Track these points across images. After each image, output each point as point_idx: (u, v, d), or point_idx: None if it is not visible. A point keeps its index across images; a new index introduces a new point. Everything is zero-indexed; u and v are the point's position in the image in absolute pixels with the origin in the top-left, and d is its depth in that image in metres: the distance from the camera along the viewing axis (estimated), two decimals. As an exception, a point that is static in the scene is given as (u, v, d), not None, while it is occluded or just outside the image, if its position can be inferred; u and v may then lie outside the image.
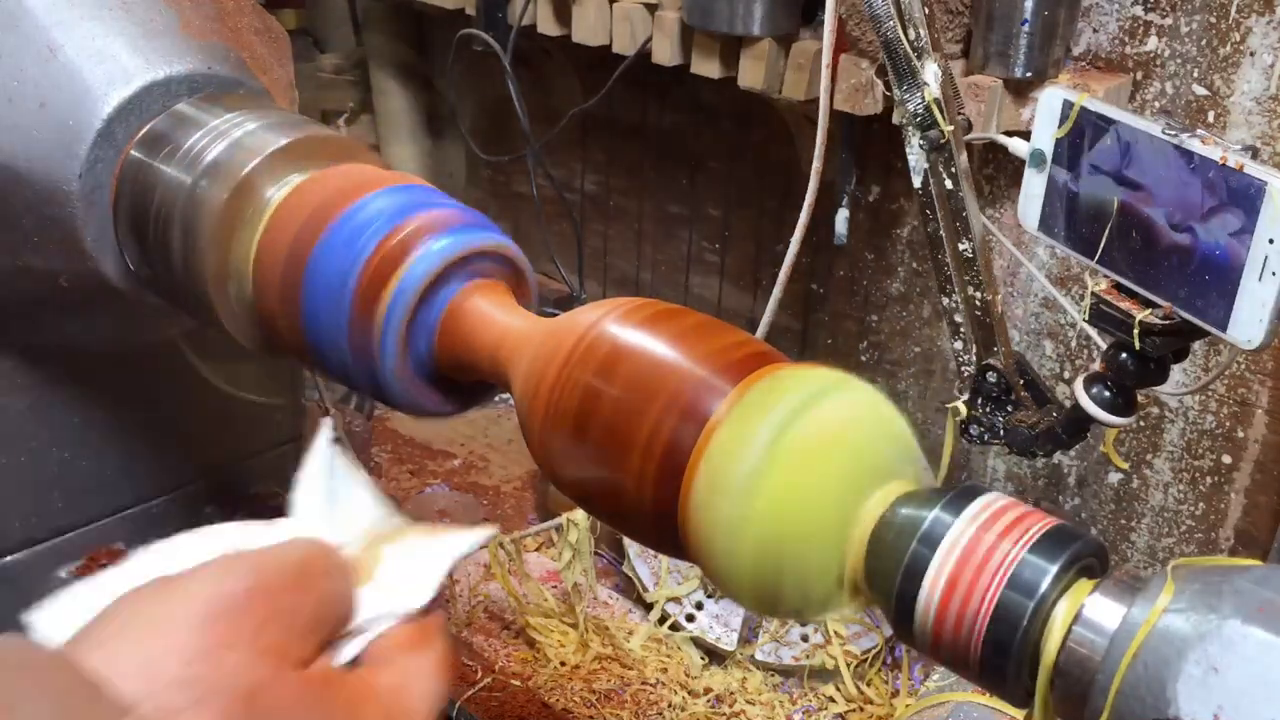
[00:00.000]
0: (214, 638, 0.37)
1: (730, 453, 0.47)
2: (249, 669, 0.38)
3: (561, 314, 0.56)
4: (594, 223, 1.60)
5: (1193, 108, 1.07)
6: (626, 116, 1.50)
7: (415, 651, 0.46)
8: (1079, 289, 1.17)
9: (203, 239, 0.65)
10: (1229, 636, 0.39)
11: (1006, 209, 1.19)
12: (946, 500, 0.46)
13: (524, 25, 1.33)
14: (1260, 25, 1.01)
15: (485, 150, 1.55)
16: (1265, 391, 1.09)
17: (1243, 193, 0.64)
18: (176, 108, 0.69)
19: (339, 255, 0.59)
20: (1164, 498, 1.19)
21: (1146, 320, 0.71)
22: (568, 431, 0.52)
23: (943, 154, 0.88)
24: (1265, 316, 0.65)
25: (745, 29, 1.11)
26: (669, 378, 0.50)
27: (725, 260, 1.48)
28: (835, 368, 0.51)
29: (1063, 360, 1.22)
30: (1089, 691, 0.42)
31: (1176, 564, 0.43)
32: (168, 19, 0.72)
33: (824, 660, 1.17)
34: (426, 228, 0.58)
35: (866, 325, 1.36)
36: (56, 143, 0.68)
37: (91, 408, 0.83)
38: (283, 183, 0.65)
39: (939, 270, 0.91)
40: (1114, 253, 0.73)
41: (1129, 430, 1.19)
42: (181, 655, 0.37)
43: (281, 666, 0.39)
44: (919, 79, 0.86)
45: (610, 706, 1.13)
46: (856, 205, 1.28)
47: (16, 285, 0.74)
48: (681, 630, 1.21)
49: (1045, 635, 0.43)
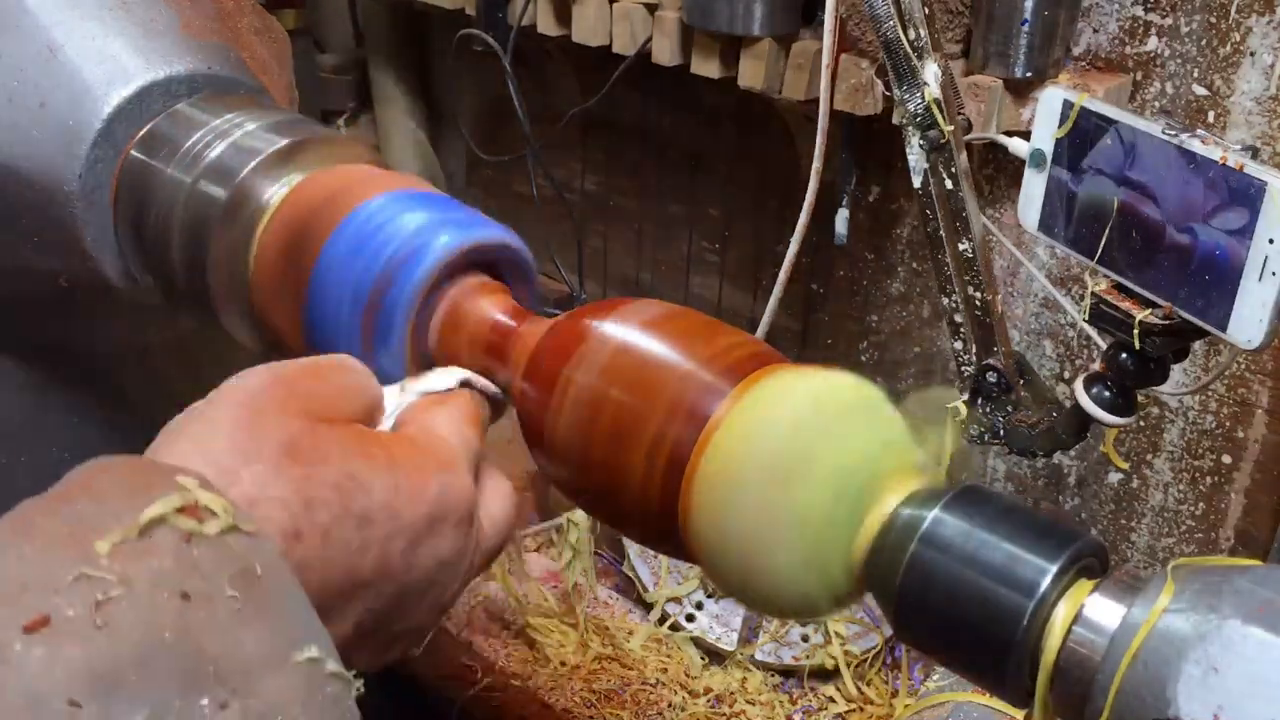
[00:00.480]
0: (249, 414, 0.43)
1: (730, 453, 0.47)
2: (284, 426, 0.43)
3: (562, 314, 0.56)
4: (594, 223, 1.60)
5: (1193, 108, 1.07)
6: (626, 116, 1.50)
7: (437, 406, 0.51)
8: (1079, 289, 1.17)
9: (203, 239, 0.65)
10: (1229, 636, 0.39)
11: (1006, 209, 1.19)
12: (946, 500, 0.46)
13: (524, 25, 1.33)
14: (1260, 25, 1.01)
15: (485, 150, 1.55)
16: (1265, 391, 1.10)
17: (1243, 193, 0.64)
18: (177, 108, 0.69)
19: (339, 255, 0.59)
20: (1164, 498, 1.19)
21: (1146, 320, 0.71)
22: (568, 432, 0.52)
23: (943, 154, 0.88)
24: (1265, 316, 0.65)
25: (745, 29, 1.11)
26: (670, 379, 0.50)
27: (725, 260, 1.48)
28: (835, 368, 0.51)
29: (1063, 360, 1.22)
30: (1089, 691, 0.42)
31: (1176, 564, 0.43)
32: (168, 19, 0.72)
33: (824, 660, 1.17)
34: (426, 227, 0.58)
35: (866, 325, 1.36)
36: (56, 143, 0.68)
37: (91, 408, 0.83)
38: (283, 183, 0.65)
39: (939, 270, 0.91)
40: (1114, 253, 0.73)
41: (1129, 430, 1.19)
42: (227, 434, 0.42)
43: (315, 423, 0.44)
44: (919, 79, 0.86)
45: (610, 706, 1.13)
46: (856, 205, 1.28)
47: (16, 285, 0.74)
48: (681, 630, 1.21)
49: (1045, 635, 0.43)
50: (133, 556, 0.33)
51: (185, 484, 0.36)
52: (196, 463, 0.40)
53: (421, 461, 0.46)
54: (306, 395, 0.45)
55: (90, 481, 0.37)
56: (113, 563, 0.33)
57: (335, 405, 0.46)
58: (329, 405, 0.46)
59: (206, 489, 0.36)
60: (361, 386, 0.49)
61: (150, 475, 0.37)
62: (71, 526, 0.34)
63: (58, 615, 0.31)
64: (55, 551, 0.33)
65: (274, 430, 0.43)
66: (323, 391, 0.46)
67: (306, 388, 0.45)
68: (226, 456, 0.41)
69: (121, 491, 0.36)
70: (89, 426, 0.83)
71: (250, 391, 0.44)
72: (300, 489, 0.41)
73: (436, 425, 0.50)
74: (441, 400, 0.52)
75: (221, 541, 0.35)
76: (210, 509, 0.36)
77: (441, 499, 0.46)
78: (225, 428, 0.42)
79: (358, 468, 0.44)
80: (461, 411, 0.52)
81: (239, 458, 0.41)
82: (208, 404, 0.44)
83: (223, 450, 0.41)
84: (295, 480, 0.42)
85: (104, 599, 0.32)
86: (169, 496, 0.35)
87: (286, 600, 0.36)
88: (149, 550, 0.34)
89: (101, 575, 0.32)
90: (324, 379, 0.47)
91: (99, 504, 0.35)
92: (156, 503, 0.35)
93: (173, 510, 0.35)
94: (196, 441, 0.42)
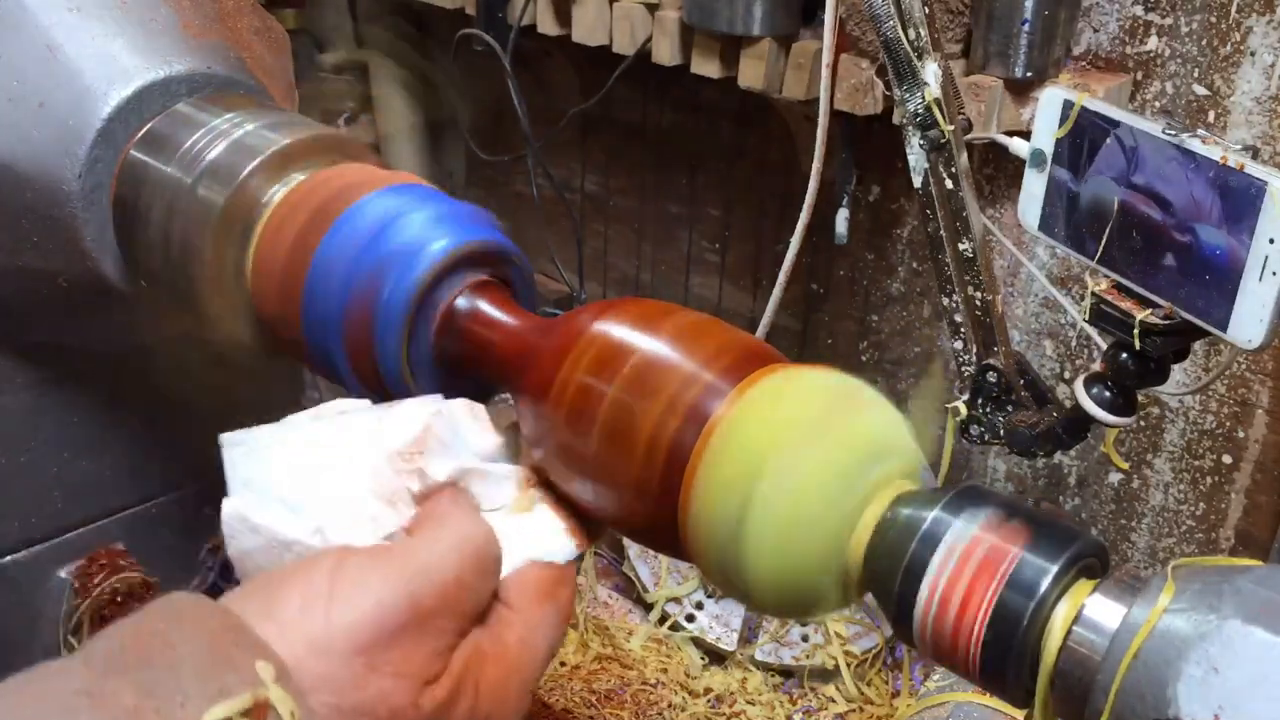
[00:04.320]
0: (362, 667, 0.40)
1: (730, 452, 0.47)
2: (386, 698, 0.40)
3: (561, 314, 0.56)
4: (594, 223, 1.60)
5: (1193, 107, 1.07)
6: (626, 116, 1.50)
7: (548, 601, 0.49)
8: (1079, 289, 1.17)
9: (202, 239, 0.65)
10: (1229, 636, 0.39)
11: (1006, 209, 1.19)
12: (946, 500, 0.46)
13: (524, 25, 1.33)
14: (1260, 25, 1.01)
15: (485, 150, 1.55)
16: (1265, 391, 1.09)
17: (1243, 193, 0.64)
18: (176, 108, 0.70)
19: (339, 255, 0.59)
20: (1164, 498, 1.19)
21: (1147, 320, 0.71)
22: (568, 432, 0.52)
23: (943, 154, 0.88)
24: (1265, 316, 0.65)
25: (745, 29, 1.10)
26: (669, 378, 0.50)
27: (725, 260, 1.48)
28: (835, 367, 0.51)
29: (1063, 360, 1.22)
30: (1089, 692, 0.42)
31: (1177, 564, 0.43)
32: (168, 19, 0.72)
33: (824, 660, 1.17)
34: (426, 227, 0.58)
35: (866, 325, 1.36)
36: (56, 143, 0.68)
37: (91, 408, 0.83)
38: (282, 183, 0.65)
39: (939, 270, 0.91)
40: (1114, 253, 0.73)
41: (1129, 430, 1.18)
42: (332, 677, 0.39)
43: (421, 691, 0.41)
44: (919, 79, 0.86)
45: (610, 706, 1.13)
46: (856, 205, 1.28)
47: (16, 285, 0.74)
48: (681, 630, 1.21)
49: (1045, 635, 0.43)
50: None
51: (262, 675, 0.35)
52: (286, 655, 0.38)
53: (504, 702, 0.45)
54: (429, 641, 0.43)
55: (171, 635, 0.35)
56: None
57: (456, 638, 0.44)
58: (449, 644, 0.44)
59: (282, 684, 0.35)
60: (486, 594, 0.47)
61: (233, 652, 0.35)
62: (139, 704, 0.33)
63: None
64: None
65: (380, 703, 0.40)
66: (450, 628, 0.44)
67: (440, 626, 0.43)
68: (317, 695, 0.39)
69: (200, 667, 0.34)
70: (89, 426, 0.83)
71: (381, 624, 0.41)
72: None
73: (537, 632, 0.47)
74: (550, 593, 0.49)
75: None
76: (278, 711, 0.35)
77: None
78: (339, 646, 0.40)
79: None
80: (565, 608, 0.49)
81: (335, 691, 0.39)
82: (333, 592, 0.41)
83: (322, 691, 0.39)
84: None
85: None
86: (241, 696, 0.34)
87: None
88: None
89: None
90: (458, 607, 0.44)
91: (173, 676, 0.34)
92: (227, 702, 0.34)
93: (238, 714, 0.34)
94: (299, 654, 0.39)
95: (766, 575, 0.47)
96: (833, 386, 0.49)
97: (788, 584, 0.47)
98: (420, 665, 0.42)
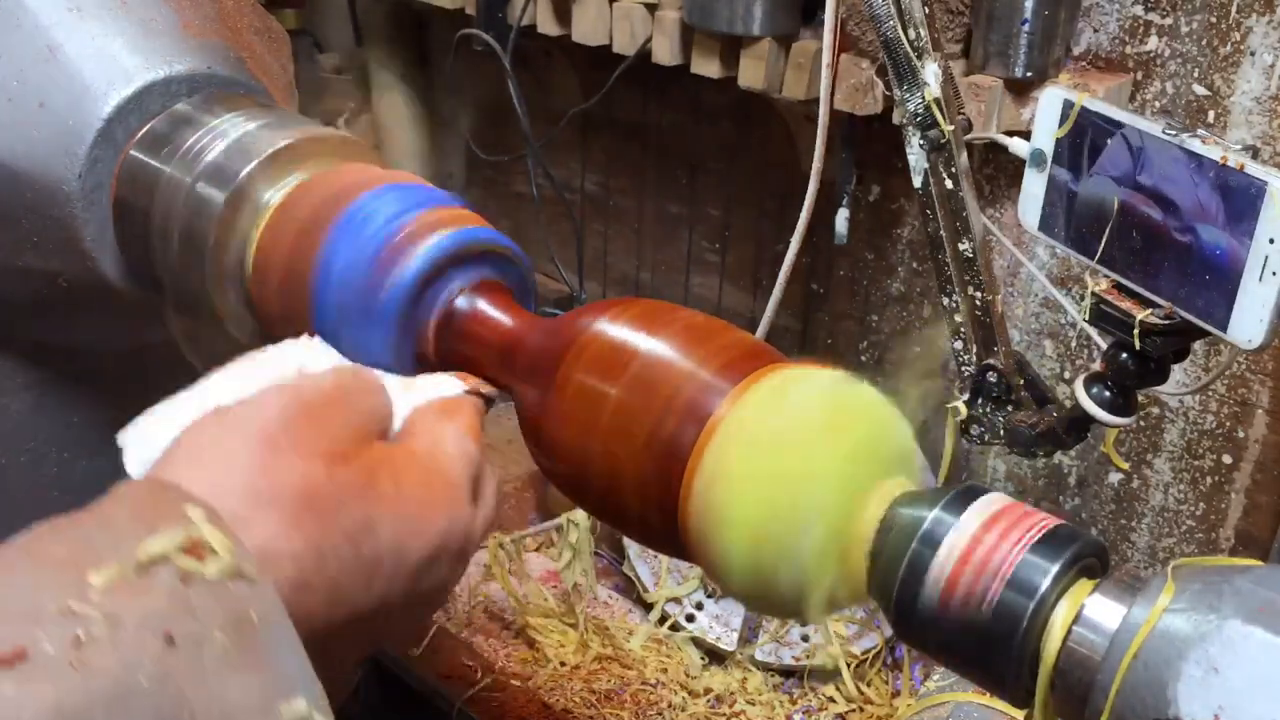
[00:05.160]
0: (268, 453, 0.42)
1: (730, 451, 0.47)
2: (302, 474, 0.42)
3: (561, 314, 0.56)
4: (594, 223, 1.60)
5: (1193, 107, 1.07)
6: (626, 116, 1.50)
7: (446, 417, 0.51)
8: (1079, 289, 1.17)
9: (203, 239, 0.65)
10: (1229, 637, 0.39)
11: (1006, 209, 1.19)
12: (946, 500, 0.46)
13: (524, 25, 1.33)
14: (1260, 25, 1.01)
15: (485, 150, 1.55)
16: (1265, 391, 1.09)
17: (1243, 193, 0.64)
18: (176, 107, 0.69)
19: (339, 255, 0.59)
20: (1164, 498, 1.19)
21: (1147, 320, 0.71)
22: (567, 432, 0.52)
23: (943, 154, 0.88)
24: (1266, 316, 0.65)
25: (745, 29, 1.10)
26: (669, 377, 0.50)
27: (725, 260, 1.48)
28: (835, 367, 0.51)
29: (1063, 360, 1.22)
30: (1089, 692, 0.42)
31: (1177, 564, 0.43)
32: (168, 19, 0.72)
33: (824, 660, 1.17)
34: (425, 226, 0.58)
35: (866, 325, 1.36)
36: (56, 143, 0.68)
37: (91, 408, 0.83)
38: (283, 183, 0.65)
39: (939, 270, 0.91)
40: (1114, 252, 0.73)
41: (1129, 430, 1.18)
42: (243, 474, 0.41)
43: (332, 465, 0.43)
44: (919, 79, 0.86)
45: (610, 706, 1.13)
46: (856, 205, 1.28)
47: (16, 285, 0.74)
48: (681, 630, 1.21)
49: (1045, 635, 0.43)
50: (125, 593, 0.33)
51: (192, 516, 0.36)
52: (208, 496, 0.39)
53: (430, 497, 0.46)
54: (327, 429, 0.44)
55: (105, 503, 0.36)
56: (103, 598, 0.32)
57: (356, 432, 0.46)
58: (349, 436, 0.45)
59: (213, 523, 0.36)
60: (378, 408, 0.49)
61: (160, 502, 0.36)
62: (72, 552, 0.33)
63: (35, 649, 0.31)
64: (48, 579, 0.33)
65: (293, 476, 0.42)
66: (343, 421, 0.45)
67: (327, 419, 0.45)
68: (241, 499, 0.40)
69: (129, 517, 0.35)
70: (89, 426, 0.83)
71: (271, 424, 0.43)
72: (313, 541, 0.41)
73: (444, 441, 0.49)
74: (448, 410, 0.51)
75: (219, 586, 0.35)
76: (213, 547, 0.35)
77: (445, 535, 0.46)
78: (242, 465, 0.41)
79: (370, 510, 0.43)
80: (467, 424, 0.51)
81: (253, 502, 0.41)
82: (223, 429, 0.43)
83: (238, 490, 0.41)
84: (309, 533, 0.41)
85: (85, 637, 0.31)
86: (173, 532, 0.35)
87: (280, 650, 0.36)
88: (143, 588, 0.33)
89: (87, 611, 0.32)
90: (346, 405, 0.46)
91: (105, 530, 0.35)
92: (160, 536, 0.34)
93: (175, 548, 0.34)
94: (211, 474, 0.41)
95: (767, 575, 0.47)
96: (833, 386, 0.49)
97: (787, 584, 0.47)
98: (325, 445, 0.43)
